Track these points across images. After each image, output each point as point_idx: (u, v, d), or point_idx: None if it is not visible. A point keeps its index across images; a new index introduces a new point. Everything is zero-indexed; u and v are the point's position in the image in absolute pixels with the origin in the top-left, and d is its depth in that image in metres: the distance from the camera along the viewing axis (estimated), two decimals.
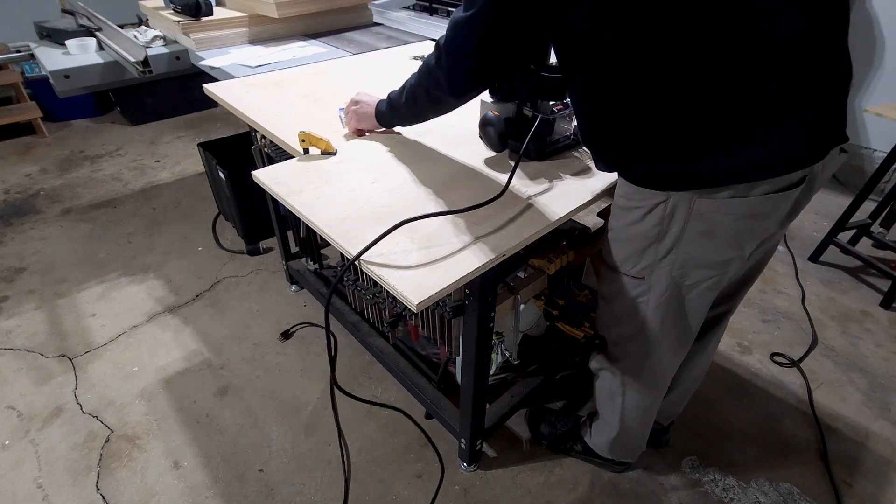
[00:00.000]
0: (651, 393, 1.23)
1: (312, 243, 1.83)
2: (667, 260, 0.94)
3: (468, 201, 0.97)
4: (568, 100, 1.09)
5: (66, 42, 1.98)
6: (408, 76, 1.07)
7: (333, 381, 1.03)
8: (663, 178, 0.85)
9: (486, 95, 1.14)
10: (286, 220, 1.91)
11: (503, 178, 1.04)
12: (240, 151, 2.30)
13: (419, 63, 1.78)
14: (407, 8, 2.64)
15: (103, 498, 1.42)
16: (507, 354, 1.46)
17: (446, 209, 0.97)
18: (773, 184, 0.81)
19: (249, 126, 1.47)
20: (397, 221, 0.90)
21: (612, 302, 1.10)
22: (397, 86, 1.12)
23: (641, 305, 1.04)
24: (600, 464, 1.48)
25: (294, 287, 2.15)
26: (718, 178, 0.81)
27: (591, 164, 1.14)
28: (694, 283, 0.97)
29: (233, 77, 1.65)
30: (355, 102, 1.25)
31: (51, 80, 1.85)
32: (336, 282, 0.95)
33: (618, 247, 1.01)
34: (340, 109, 1.37)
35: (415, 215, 0.92)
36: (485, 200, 0.97)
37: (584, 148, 1.21)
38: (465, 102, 1.01)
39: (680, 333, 1.08)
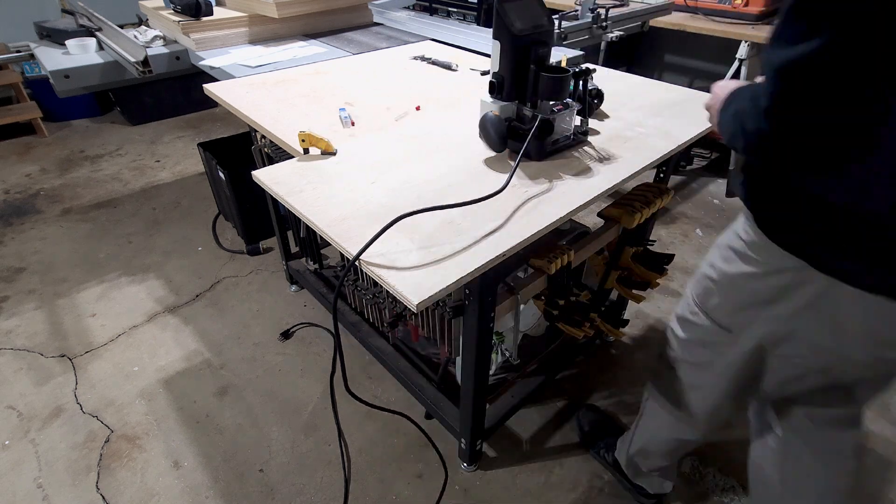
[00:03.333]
0: (681, 420, 1.12)
1: (312, 243, 1.83)
2: (767, 326, 0.84)
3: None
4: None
5: (66, 42, 1.98)
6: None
7: (334, 382, 1.03)
8: (821, 258, 0.72)
9: (486, 95, 1.14)
10: (286, 220, 1.91)
11: (503, 178, 1.04)
12: (240, 151, 2.30)
13: (419, 63, 1.79)
14: (407, 8, 2.64)
15: (103, 498, 1.42)
16: (507, 354, 1.46)
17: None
18: None
19: (249, 126, 1.47)
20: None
21: (684, 331, 1.01)
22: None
23: (715, 354, 0.96)
24: (628, 488, 1.41)
25: (294, 287, 2.15)
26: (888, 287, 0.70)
27: (591, 164, 1.14)
28: (782, 355, 0.86)
29: (233, 77, 1.65)
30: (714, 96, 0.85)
31: (51, 80, 1.85)
32: (339, 284, 0.95)
33: (715, 292, 0.91)
34: (341, 109, 1.37)
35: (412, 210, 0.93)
36: (482, 196, 0.97)
37: (586, 148, 1.21)
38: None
39: (740, 387, 0.97)
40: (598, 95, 1.31)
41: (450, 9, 4.08)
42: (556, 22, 2.14)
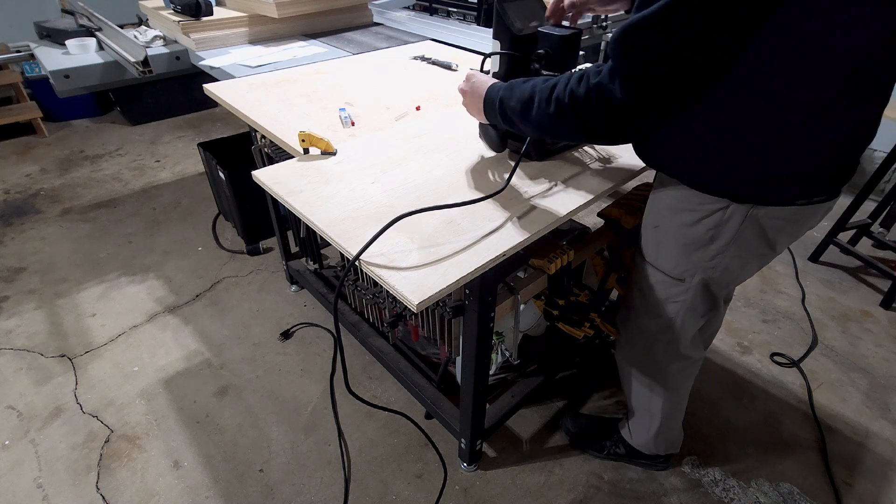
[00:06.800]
0: (684, 380, 1.26)
1: (312, 243, 1.83)
2: (711, 262, 0.95)
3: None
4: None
5: (66, 42, 1.98)
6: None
7: (334, 382, 1.03)
8: (737, 192, 0.85)
9: None
10: (286, 220, 1.91)
11: (503, 178, 1.04)
12: (240, 151, 2.30)
13: (419, 63, 1.79)
14: (407, 8, 2.65)
15: (103, 498, 1.42)
16: (507, 354, 1.46)
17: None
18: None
19: (249, 126, 1.47)
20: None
21: (647, 295, 1.11)
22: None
23: (675, 305, 1.06)
24: (645, 464, 1.48)
25: (294, 287, 2.15)
26: (792, 199, 0.85)
27: (591, 164, 1.14)
28: (730, 281, 1.01)
29: (233, 77, 1.65)
30: (467, 80, 1.04)
31: (51, 80, 1.85)
32: (340, 284, 0.95)
33: (662, 247, 1.02)
34: (341, 109, 1.37)
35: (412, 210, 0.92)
36: (482, 196, 0.97)
37: (586, 148, 1.21)
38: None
39: (707, 326, 1.12)
40: None
41: (450, 9, 4.08)
42: None
